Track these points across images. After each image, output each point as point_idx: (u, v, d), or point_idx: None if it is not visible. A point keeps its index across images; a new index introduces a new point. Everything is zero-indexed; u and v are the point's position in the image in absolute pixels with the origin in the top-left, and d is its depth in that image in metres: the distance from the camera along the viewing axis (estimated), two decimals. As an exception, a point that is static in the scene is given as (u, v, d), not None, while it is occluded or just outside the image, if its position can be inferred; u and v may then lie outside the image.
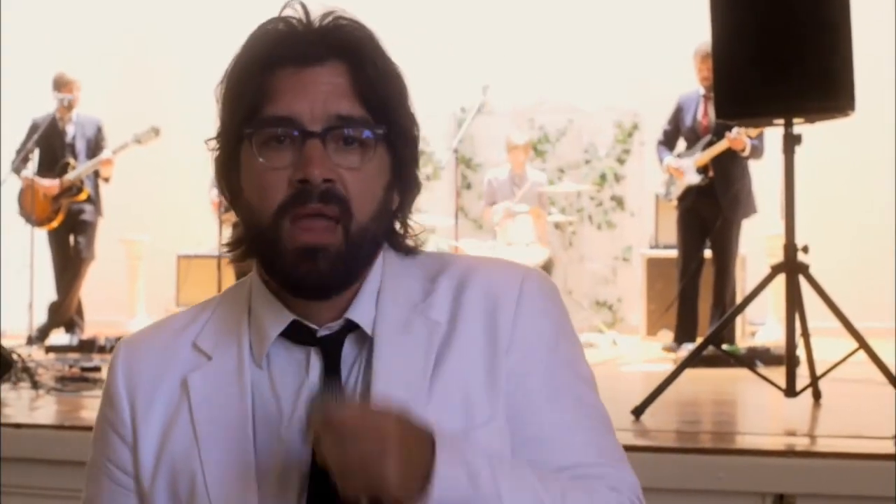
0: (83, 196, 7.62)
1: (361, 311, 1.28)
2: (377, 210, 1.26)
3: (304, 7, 1.27)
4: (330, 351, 1.28)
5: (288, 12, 1.28)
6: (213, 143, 1.31)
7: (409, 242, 1.34)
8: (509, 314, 1.29)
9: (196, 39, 9.80)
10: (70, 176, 7.55)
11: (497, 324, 1.28)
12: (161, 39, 9.92)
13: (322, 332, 1.28)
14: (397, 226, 1.33)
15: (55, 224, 7.63)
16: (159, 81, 9.78)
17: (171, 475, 1.28)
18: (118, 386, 1.33)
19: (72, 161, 7.61)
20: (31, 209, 7.49)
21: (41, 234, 7.73)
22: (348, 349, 1.29)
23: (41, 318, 7.62)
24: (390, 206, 1.30)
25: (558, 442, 1.26)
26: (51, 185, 7.53)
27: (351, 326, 1.28)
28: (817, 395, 4.12)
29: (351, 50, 1.25)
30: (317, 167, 1.20)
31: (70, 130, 7.70)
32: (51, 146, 7.61)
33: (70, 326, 7.63)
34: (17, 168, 7.59)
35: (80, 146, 7.69)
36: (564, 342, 1.33)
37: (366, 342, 1.28)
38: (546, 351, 1.30)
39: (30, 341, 7.08)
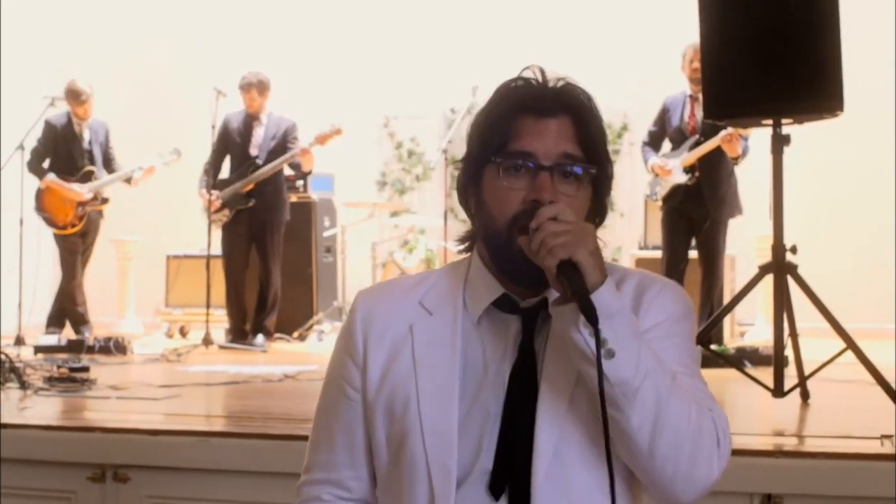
0: (105, 204, 7.74)
1: (555, 294, 1.63)
2: None
3: (542, 71, 1.75)
4: (527, 319, 1.68)
5: (527, 72, 1.75)
6: (459, 164, 1.81)
7: None
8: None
9: (190, 43, 9.78)
10: (97, 185, 7.61)
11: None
12: (154, 43, 9.87)
13: (524, 304, 1.69)
14: None
15: (77, 229, 7.65)
16: (151, 85, 9.73)
17: (391, 393, 1.70)
18: (356, 323, 1.76)
19: (94, 169, 7.65)
20: (54, 212, 7.53)
21: (29, 235, 7.71)
22: (540, 323, 1.68)
23: (28, 318, 7.61)
24: None
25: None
26: (79, 191, 7.55)
27: (544, 304, 1.66)
28: (805, 396, 4.13)
29: (575, 108, 1.69)
30: (546, 192, 1.63)
31: (86, 136, 7.72)
32: (68, 151, 7.62)
33: (79, 325, 7.69)
34: (36, 169, 7.60)
35: (96, 151, 7.72)
36: (686, 324, 1.73)
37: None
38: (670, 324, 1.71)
39: (18, 342, 7.06)
